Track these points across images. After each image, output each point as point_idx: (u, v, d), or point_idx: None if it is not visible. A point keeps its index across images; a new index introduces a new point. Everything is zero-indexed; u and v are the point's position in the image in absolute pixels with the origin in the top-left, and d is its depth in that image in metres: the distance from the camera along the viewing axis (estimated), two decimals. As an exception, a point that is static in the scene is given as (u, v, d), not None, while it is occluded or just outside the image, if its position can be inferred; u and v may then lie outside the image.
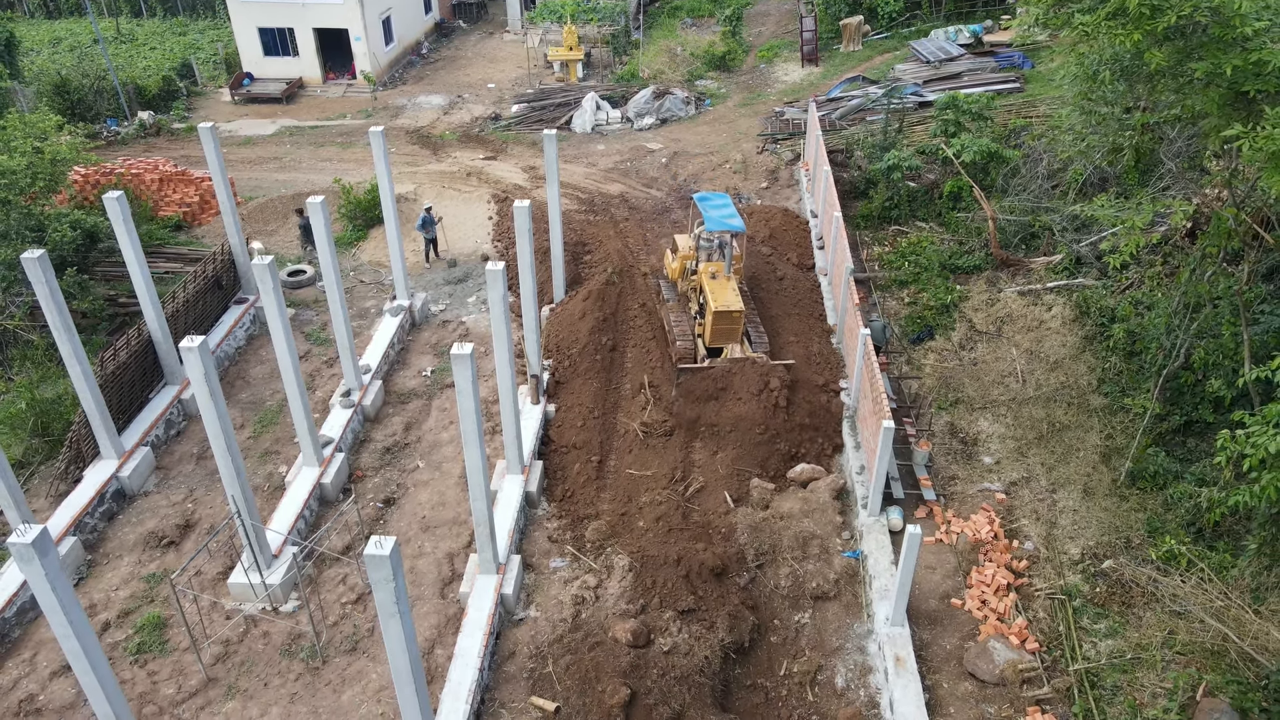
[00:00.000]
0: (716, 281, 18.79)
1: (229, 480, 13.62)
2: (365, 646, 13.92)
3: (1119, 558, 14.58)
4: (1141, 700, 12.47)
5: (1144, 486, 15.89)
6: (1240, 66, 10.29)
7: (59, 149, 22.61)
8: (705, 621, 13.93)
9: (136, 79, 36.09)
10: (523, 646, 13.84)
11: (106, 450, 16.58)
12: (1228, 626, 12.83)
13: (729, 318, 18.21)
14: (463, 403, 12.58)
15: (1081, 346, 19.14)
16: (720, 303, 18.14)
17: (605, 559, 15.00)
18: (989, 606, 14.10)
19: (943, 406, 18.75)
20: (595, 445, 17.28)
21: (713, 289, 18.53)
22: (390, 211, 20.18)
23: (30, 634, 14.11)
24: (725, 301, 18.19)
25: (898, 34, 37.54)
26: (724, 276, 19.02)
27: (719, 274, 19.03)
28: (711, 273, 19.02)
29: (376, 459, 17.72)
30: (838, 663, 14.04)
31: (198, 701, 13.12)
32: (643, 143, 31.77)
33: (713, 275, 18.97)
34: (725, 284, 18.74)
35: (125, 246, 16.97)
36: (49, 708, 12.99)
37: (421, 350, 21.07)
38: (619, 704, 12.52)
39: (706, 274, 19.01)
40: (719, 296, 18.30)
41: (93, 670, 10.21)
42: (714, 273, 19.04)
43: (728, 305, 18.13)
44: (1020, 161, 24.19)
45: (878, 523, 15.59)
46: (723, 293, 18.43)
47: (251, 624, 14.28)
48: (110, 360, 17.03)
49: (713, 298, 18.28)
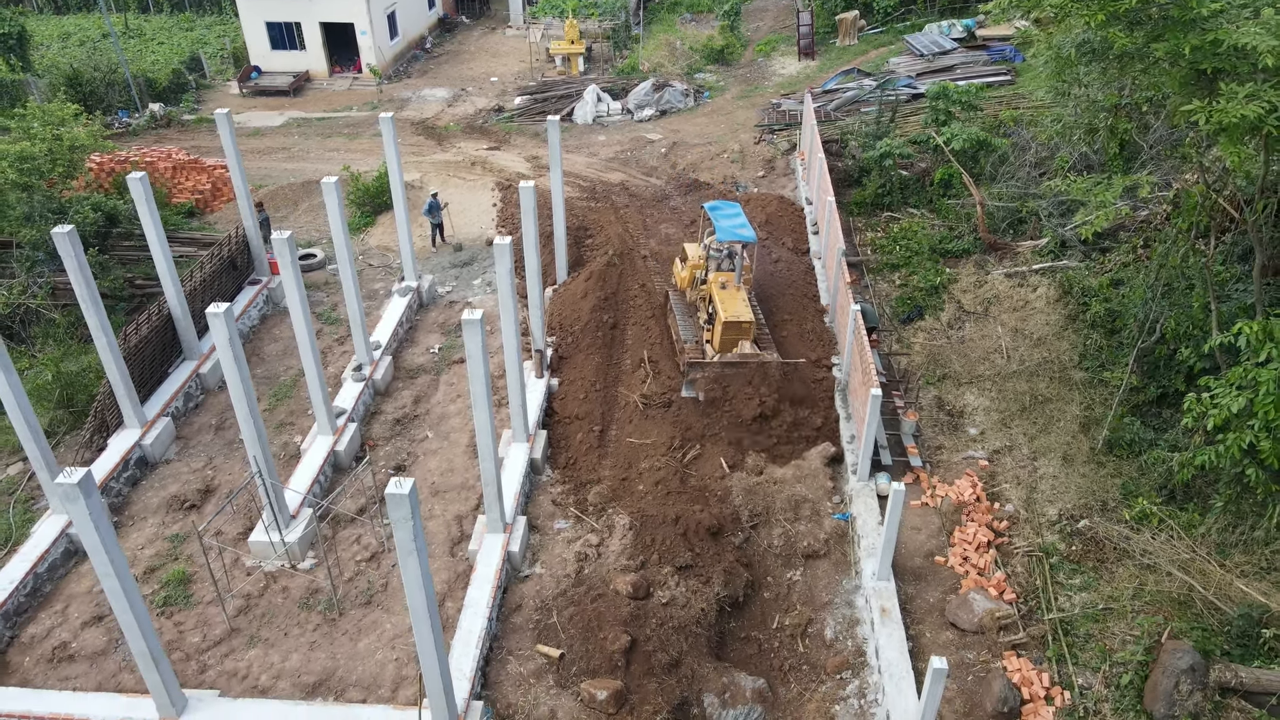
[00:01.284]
0: (726, 291, 18.58)
1: (250, 441, 14.38)
2: (379, 600, 14.68)
3: (1094, 518, 15.35)
4: (1111, 646, 13.24)
5: (1120, 454, 16.66)
6: (1198, 46, 11.06)
7: (78, 135, 23.39)
8: (702, 576, 14.71)
9: (147, 72, 36.86)
10: (528, 600, 14.60)
11: (130, 420, 17.34)
12: (1193, 578, 13.63)
13: (738, 328, 18.02)
14: (472, 366, 13.33)
15: (1064, 324, 19.92)
16: (730, 313, 17.92)
17: (607, 519, 15.78)
18: (970, 563, 14.87)
19: (931, 381, 19.51)
20: (597, 416, 18.05)
21: (722, 299, 18.32)
22: (399, 195, 20.95)
23: (61, 588, 14.88)
24: (735, 312, 17.99)
25: (892, 28, 38.33)
26: (734, 286, 18.81)
27: (729, 284, 18.85)
28: (721, 282, 18.82)
29: (387, 429, 18.49)
30: (827, 616, 14.83)
31: (222, 649, 13.88)
32: (643, 133, 32.55)
33: (722, 285, 18.76)
34: (735, 294, 18.55)
35: (147, 225, 17.73)
36: (81, 654, 13.75)
37: (429, 329, 21.83)
38: (620, 650, 13.29)
39: (716, 284, 18.81)
40: (729, 306, 18.09)
41: (129, 606, 10.97)
42: (724, 282, 18.84)
43: (738, 315, 17.93)
44: (1009, 149, 24.97)
45: (867, 487, 16.36)
46: (733, 303, 18.23)
47: (271, 580, 15.05)
48: (133, 334, 17.78)
49: (722, 307, 18.05)
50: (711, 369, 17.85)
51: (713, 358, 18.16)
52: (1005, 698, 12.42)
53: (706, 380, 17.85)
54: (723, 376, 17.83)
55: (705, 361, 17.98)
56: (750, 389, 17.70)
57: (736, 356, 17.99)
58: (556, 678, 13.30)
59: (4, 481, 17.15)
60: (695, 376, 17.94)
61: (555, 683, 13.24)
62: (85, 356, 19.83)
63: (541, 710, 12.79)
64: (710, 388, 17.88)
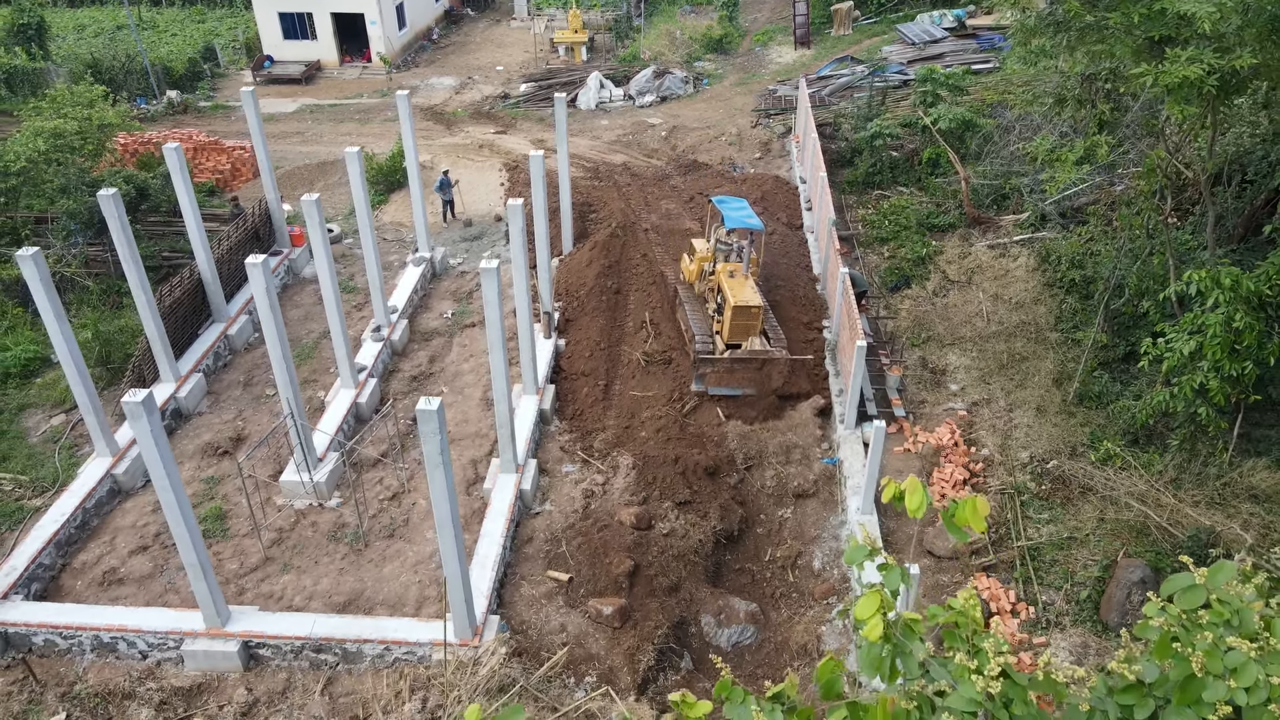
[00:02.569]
0: (735, 280, 19.14)
1: (283, 385, 15.61)
2: (402, 533, 15.91)
3: (1063, 460, 16.56)
4: (1073, 569, 14.46)
5: (1089, 405, 17.86)
6: (1146, 15, 12.27)
7: (107, 115, 24.61)
8: (700, 511, 15.93)
9: (165, 61, 38.08)
10: (539, 533, 15.82)
11: (165, 374, 18.56)
12: (1149, 509, 14.85)
13: (748, 313, 18.54)
14: (489, 312, 14.54)
15: (1041, 291, 21.13)
16: (740, 298, 18.49)
17: (611, 461, 17.00)
18: (947, 499, 16.08)
19: (915, 343, 20.72)
20: (602, 372, 19.27)
21: (731, 286, 18.86)
22: (414, 171, 22.15)
23: (108, 522, 16.10)
24: (744, 297, 18.55)
25: (886, 18, 39.54)
26: (742, 275, 19.39)
27: (736, 273, 19.43)
28: (729, 271, 19.41)
29: (405, 385, 19.71)
30: (815, 549, 16.05)
31: (258, 575, 15.10)
32: (644, 118, 33.76)
33: (730, 274, 19.34)
34: (743, 281, 19.12)
35: (180, 191, 18.95)
36: (129, 578, 14.98)
37: (442, 296, 23.05)
38: (624, 573, 14.51)
39: (724, 273, 19.38)
40: (738, 293, 18.64)
41: (183, 519, 12.18)
42: (731, 271, 19.43)
43: (747, 301, 18.50)
44: (993, 130, 26.19)
45: (853, 434, 17.58)
46: (741, 289, 18.80)
47: (300, 516, 16.27)
48: (167, 295, 18.99)
49: (731, 294, 18.60)
50: (721, 364, 18.53)
51: (723, 351, 18.79)
52: (975, 610, 13.62)
53: (716, 375, 18.51)
54: (732, 372, 18.50)
55: (715, 358, 18.55)
56: (757, 387, 18.44)
57: (745, 353, 18.59)
58: (566, 598, 14.52)
59: (49, 431, 18.36)
60: (705, 371, 18.57)
61: (565, 603, 14.46)
62: (118, 319, 21.05)
63: (552, 624, 14.01)
64: (719, 382, 18.50)
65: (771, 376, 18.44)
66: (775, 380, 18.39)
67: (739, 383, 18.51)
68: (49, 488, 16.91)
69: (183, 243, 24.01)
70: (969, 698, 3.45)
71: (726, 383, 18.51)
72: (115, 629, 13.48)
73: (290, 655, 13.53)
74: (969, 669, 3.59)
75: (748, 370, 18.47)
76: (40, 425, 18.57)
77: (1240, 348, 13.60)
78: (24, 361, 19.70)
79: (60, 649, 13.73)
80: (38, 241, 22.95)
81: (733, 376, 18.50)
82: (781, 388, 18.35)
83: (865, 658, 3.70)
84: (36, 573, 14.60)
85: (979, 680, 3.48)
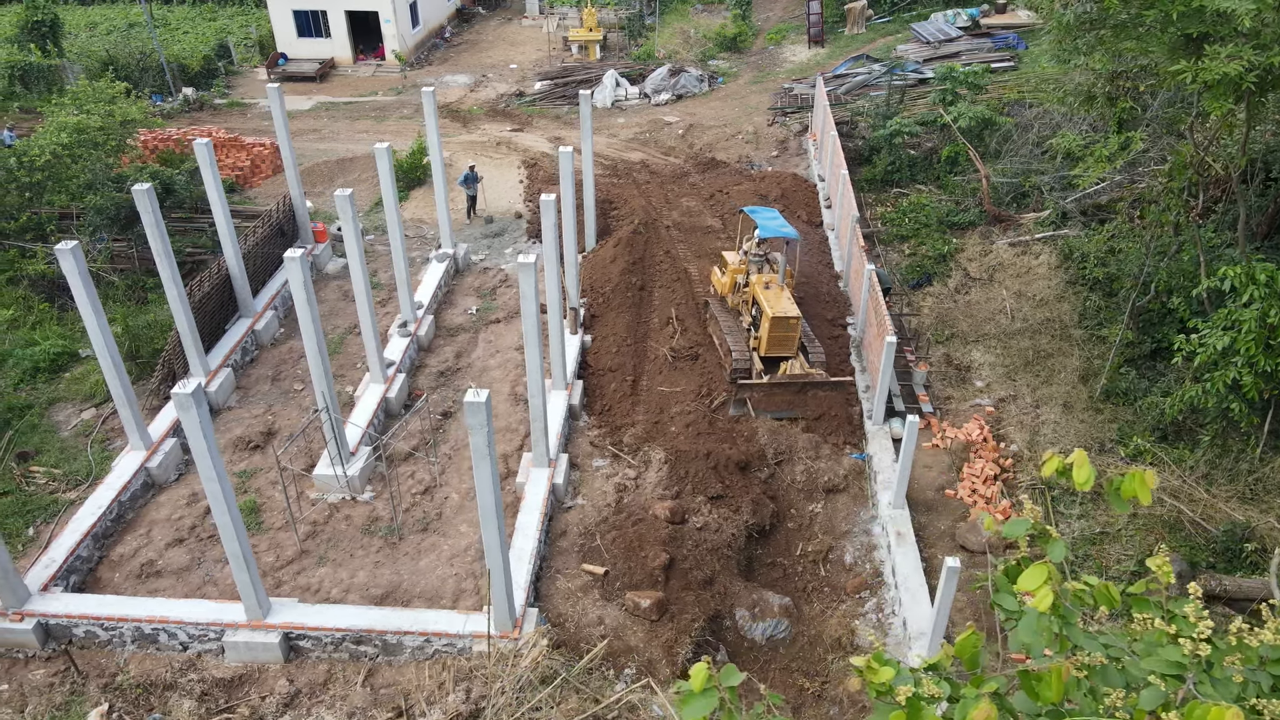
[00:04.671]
0: (770, 291, 18.91)
1: (318, 379, 15.68)
2: (435, 526, 15.98)
3: (1092, 455, 16.64)
4: (1107, 563, 14.54)
5: (1116, 402, 17.95)
6: (1185, 12, 12.35)
7: (129, 111, 24.70)
8: (732, 505, 16.01)
9: (180, 58, 38.15)
10: (572, 527, 15.90)
11: (195, 368, 18.63)
12: (1182, 504, 14.94)
13: (785, 324, 18.29)
14: (525, 306, 14.61)
15: (1064, 288, 21.22)
16: (777, 309, 18.24)
17: (643, 455, 17.08)
18: (978, 494, 16.18)
19: (939, 340, 20.81)
20: (629, 368, 19.35)
21: (767, 298, 18.64)
22: (438, 165, 22.23)
23: (143, 515, 16.18)
24: (782, 308, 18.30)
25: (899, 17, 39.62)
26: (777, 286, 19.12)
27: (772, 284, 19.19)
28: (764, 283, 19.19)
29: (432, 380, 19.78)
30: (846, 543, 16.13)
31: (294, 568, 15.18)
32: (660, 116, 33.84)
33: (766, 285, 19.14)
34: (779, 293, 18.87)
35: (209, 187, 19.03)
36: (167, 570, 15.05)
37: (466, 292, 23.13)
38: (660, 566, 14.59)
39: (759, 284, 19.14)
40: (774, 304, 18.41)
41: (226, 509, 12.27)
42: (767, 283, 19.21)
43: (784, 312, 18.25)
44: (1012, 128, 26.28)
45: (881, 430, 17.66)
46: (778, 301, 18.55)
47: (334, 510, 16.34)
48: (196, 289, 19.07)
49: (768, 305, 18.35)
50: (760, 389, 18.30)
51: (760, 370, 18.51)
52: (1011, 604, 13.70)
53: (756, 399, 18.28)
54: (771, 396, 18.27)
55: (755, 384, 18.35)
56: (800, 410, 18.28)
57: (785, 377, 18.39)
58: (601, 591, 14.60)
59: (80, 425, 18.44)
60: (745, 397, 18.37)
61: (600, 596, 14.53)
62: (145, 314, 21.14)
63: (589, 617, 14.09)
64: (760, 406, 18.21)
65: (813, 401, 18.23)
66: (816, 405, 18.17)
67: (780, 406, 18.25)
68: (82, 481, 16.99)
69: (203, 239, 24.14)
70: (1174, 660, 3.55)
71: (767, 406, 18.23)
72: (157, 620, 13.55)
73: (330, 647, 13.61)
74: (1167, 633, 3.67)
75: (787, 393, 18.27)
76: (71, 419, 18.65)
77: (1274, 343, 13.70)
78: (52, 356, 19.77)
79: (101, 640, 13.80)
80: (62, 237, 23.06)
81: (773, 400, 18.28)
82: (827, 411, 18.13)
83: (1029, 628, 3.78)
84: (75, 565, 14.67)
85: (1186, 644, 3.56)
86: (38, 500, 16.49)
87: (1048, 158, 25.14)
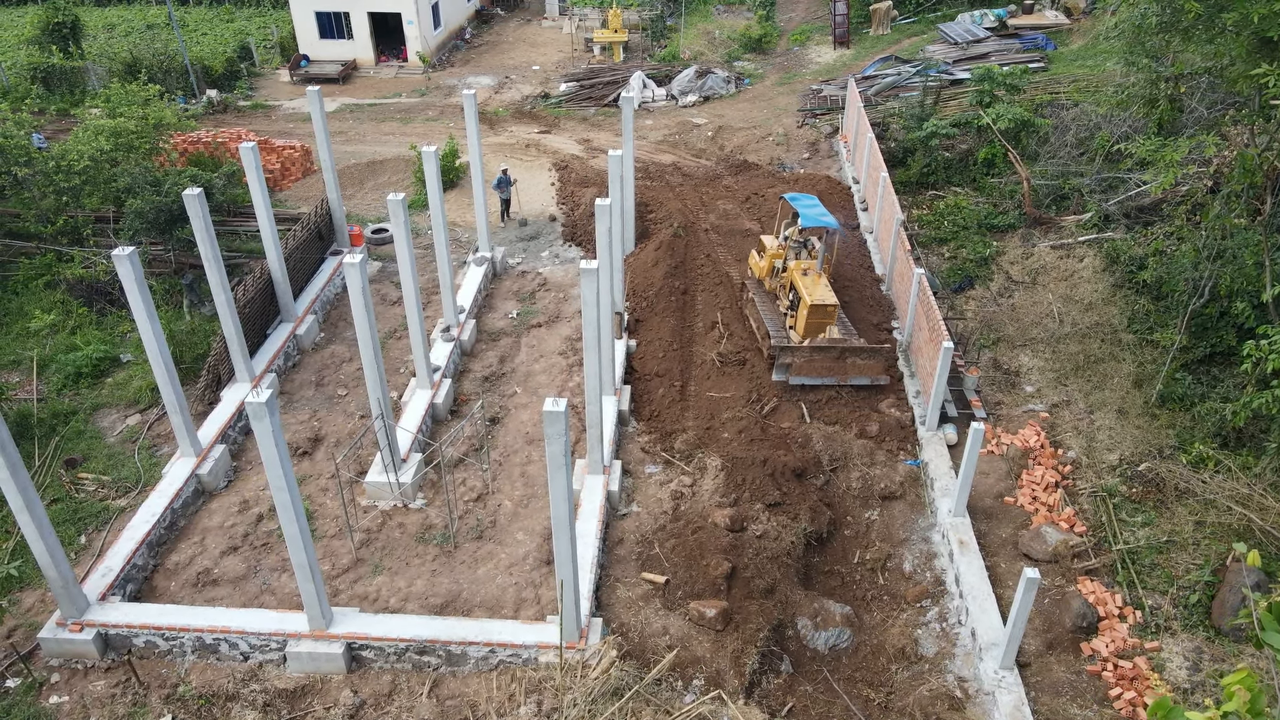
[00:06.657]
0: (808, 278, 19.04)
1: (373, 385, 15.53)
2: (490, 534, 15.82)
3: (1155, 461, 16.46)
4: (1176, 572, 14.36)
5: (1173, 407, 17.76)
6: (1265, 14, 12.17)
7: (164, 114, 24.55)
8: (790, 513, 15.84)
9: (203, 60, 38.02)
10: (629, 535, 15.73)
11: (241, 374, 18.49)
12: (1251, 511, 14.73)
13: (824, 311, 18.50)
14: (587, 312, 14.47)
15: (1111, 292, 21.02)
16: (815, 296, 18.41)
17: (698, 462, 16.91)
18: (1039, 501, 15.99)
19: (986, 344, 20.61)
20: (676, 373, 19.18)
21: (805, 285, 18.78)
22: (477, 168, 22.07)
23: (195, 522, 16.03)
24: (820, 295, 18.50)
25: (924, 18, 39.43)
26: (815, 273, 19.29)
27: (810, 270, 19.33)
28: (803, 269, 19.33)
29: (477, 386, 19.62)
30: (905, 551, 15.95)
31: (351, 576, 15.03)
32: (688, 118, 33.66)
33: (804, 272, 19.24)
34: (817, 280, 19.06)
35: (254, 191, 18.87)
36: (224, 579, 14.90)
37: (505, 296, 22.97)
38: (722, 575, 14.43)
39: (798, 270, 19.28)
40: (813, 291, 18.58)
41: (295, 518, 12.11)
42: (805, 269, 19.34)
43: (823, 299, 18.46)
44: (1050, 130, 26.08)
45: (936, 436, 17.48)
46: (816, 287, 18.74)
47: (386, 518, 16.19)
48: (241, 294, 18.92)
49: (806, 292, 18.49)
50: (800, 353, 18.47)
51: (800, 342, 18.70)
52: (1083, 614, 13.54)
53: (797, 365, 18.44)
54: (811, 361, 18.45)
55: (794, 347, 18.56)
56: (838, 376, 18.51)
57: (825, 340, 18.58)
58: (663, 600, 14.43)
59: (125, 430, 18.30)
60: (787, 361, 18.58)
61: (662, 605, 14.37)
62: (181, 320, 21.00)
63: (653, 627, 13.92)
64: (800, 372, 18.45)
65: (852, 368, 18.47)
66: (856, 372, 18.41)
67: (819, 371, 18.45)
68: (132, 488, 16.84)
69: (238, 242, 24.01)
70: None
71: (807, 372, 18.45)
72: (219, 630, 13.40)
73: (393, 657, 13.45)
74: None
75: (827, 359, 18.42)
76: (116, 425, 18.51)
77: (1349, 350, 13.51)
78: (95, 361, 19.63)
79: (160, 650, 13.66)
80: (99, 241, 22.93)
81: (812, 366, 18.45)
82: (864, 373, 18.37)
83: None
84: (131, 573, 14.54)
85: None
86: (88, 507, 16.36)
87: (1086, 160, 24.96)
